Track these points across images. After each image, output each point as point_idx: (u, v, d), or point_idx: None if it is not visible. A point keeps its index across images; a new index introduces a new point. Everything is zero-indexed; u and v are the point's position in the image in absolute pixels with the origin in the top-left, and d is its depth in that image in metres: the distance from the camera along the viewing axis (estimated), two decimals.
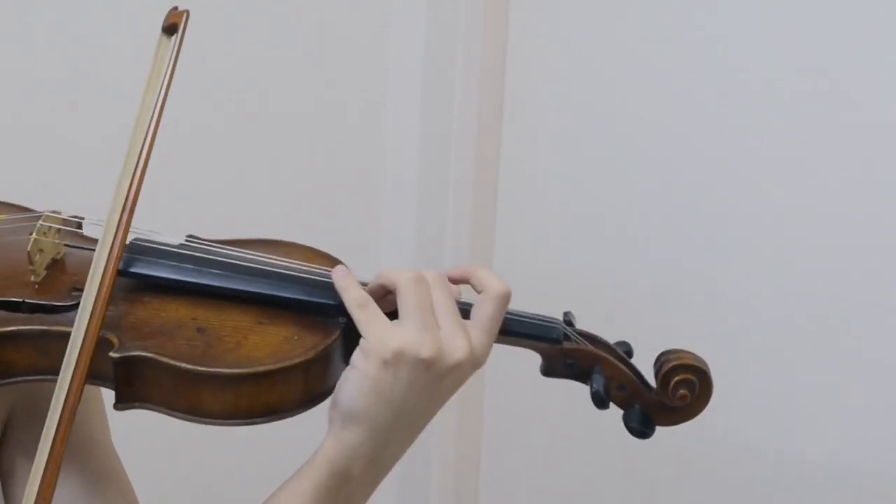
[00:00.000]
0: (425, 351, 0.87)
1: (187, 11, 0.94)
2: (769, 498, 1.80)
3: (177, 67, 0.92)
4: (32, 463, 0.81)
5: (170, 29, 0.94)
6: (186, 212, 1.70)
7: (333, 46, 1.88)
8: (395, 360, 0.87)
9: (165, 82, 0.92)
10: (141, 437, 1.17)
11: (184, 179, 1.68)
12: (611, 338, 1.01)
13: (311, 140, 1.90)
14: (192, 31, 0.93)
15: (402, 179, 1.99)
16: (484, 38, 1.94)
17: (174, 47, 0.93)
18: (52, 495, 0.80)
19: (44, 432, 0.81)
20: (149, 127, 0.90)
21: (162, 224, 0.98)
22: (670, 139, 1.81)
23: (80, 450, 0.98)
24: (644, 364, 1.01)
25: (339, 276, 0.92)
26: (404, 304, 0.89)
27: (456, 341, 0.89)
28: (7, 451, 0.99)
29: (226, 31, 1.72)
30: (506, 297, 0.93)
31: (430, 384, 0.89)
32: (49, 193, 1.45)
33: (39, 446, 0.81)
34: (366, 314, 0.89)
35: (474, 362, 0.91)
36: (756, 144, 1.72)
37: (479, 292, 0.93)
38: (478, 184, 2.00)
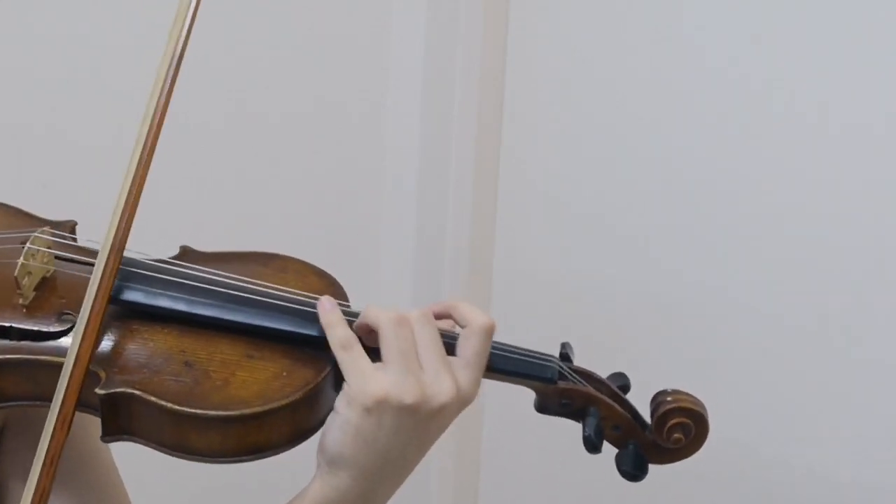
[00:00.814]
0: (409, 397, 0.86)
1: None
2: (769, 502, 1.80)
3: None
4: (24, 473, 0.80)
5: None
6: (185, 211, 1.70)
7: (333, 46, 1.88)
8: (378, 408, 0.86)
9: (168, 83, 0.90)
10: (138, 453, 1.16)
11: (182, 179, 1.68)
12: (611, 337, 1.00)
13: (311, 140, 1.90)
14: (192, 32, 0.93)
15: (402, 179, 1.99)
16: (484, 38, 1.94)
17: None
18: None
19: (33, 466, 0.80)
20: (142, 157, 0.89)
21: (160, 223, 0.97)
22: (671, 140, 1.81)
23: (77, 461, 0.98)
24: (643, 365, 1.00)
25: (324, 311, 0.90)
26: (386, 348, 0.87)
27: (441, 384, 0.87)
28: (2, 459, 0.98)
29: (225, 31, 1.72)
30: (490, 331, 0.91)
31: (416, 428, 0.87)
32: (49, 193, 1.45)
33: (29, 477, 0.80)
34: (349, 356, 0.87)
35: (462, 402, 0.89)
36: (757, 145, 1.72)
37: (461, 327, 0.92)
38: (478, 184, 2.00)
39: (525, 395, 1.02)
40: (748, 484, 1.82)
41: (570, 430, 1.04)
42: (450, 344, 0.91)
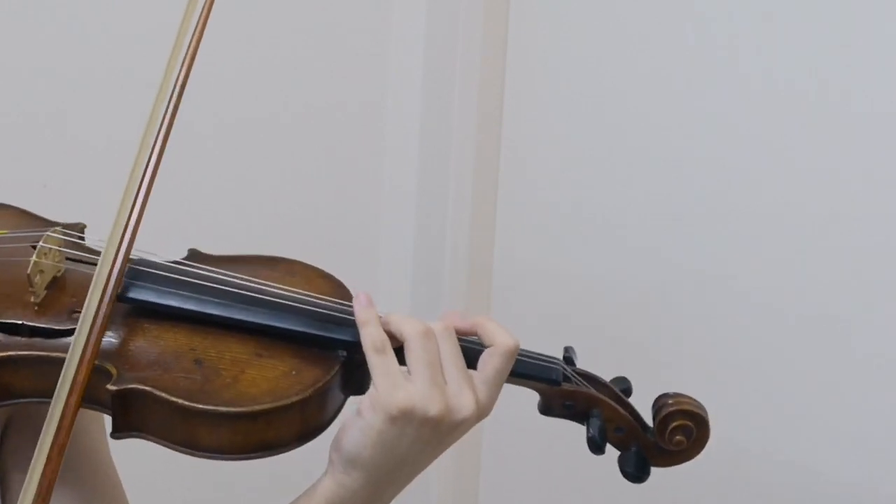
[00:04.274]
0: (433, 410, 0.88)
1: None
2: (769, 500, 1.80)
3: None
4: (26, 471, 0.80)
5: None
6: (186, 212, 1.70)
7: (333, 46, 1.88)
8: (404, 418, 0.87)
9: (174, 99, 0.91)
10: (138, 450, 1.17)
11: (182, 179, 1.68)
12: (611, 337, 1.01)
13: (311, 141, 1.90)
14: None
15: (402, 180, 1.99)
16: (484, 38, 1.94)
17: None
18: None
19: (34, 459, 0.80)
20: (151, 155, 0.90)
21: (161, 223, 0.97)
22: (671, 139, 1.81)
23: (77, 461, 0.98)
24: (644, 365, 1.01)
25: (361, 307, 0.91)
26: (413, 359, 0.89)
27: (463, 399, 0.89)
28: (4, 456, 0.99)
29: (224, 32, 1.71)
30: (514, 353, 0.93)
31: (434, 438, 0.90)
32: (49, 193, 1.45)
33: (28, 473, 0.80)
34: (381, 362, 0.89)
35: (479, 416, 0.91)
36: (758, 144, 1.72)
37: (486, 345, 0.93)
38: (478, 184, 2.00)
39: (525, 396, 1.02)
40: (747, 482, 1.82)
41: (570, 432, 1.05)
42: (473, 349, 0.93)
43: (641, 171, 1.85)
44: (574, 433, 1.02)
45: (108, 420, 0.89)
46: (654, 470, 1.00)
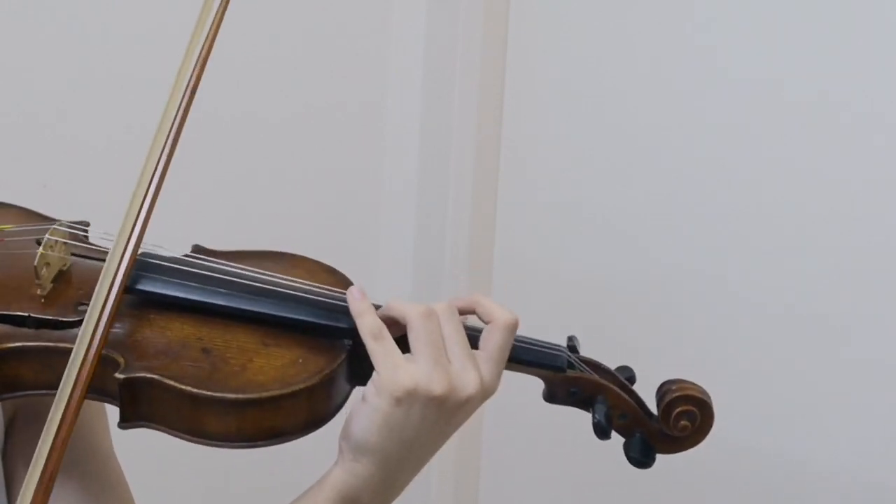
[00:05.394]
0: (437, 388, 0.88)
1: None
2: (768, 499, 1.80)
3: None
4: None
5: None
6: (187, 211, 1.70)
7: (333, 46, 1.88)
8: (408, 398, 0.87)
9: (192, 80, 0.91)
10: (142, 445, 1.16)
11: (183, 179, 1.67)
12: (611, 338, 1.01)
13: (311, 140, 1.90)
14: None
15: (402, 180, 1.99)
16: (484, 38, 1.94)
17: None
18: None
19: (38, 446, 0.80)
20: (163, 150, 0.91)
21: (162, 223, 0.97)
22: (671, 139, 1.81)
23: (81, 456, 0.98)
24: (643, 365, 1.01)
25: (355, 300, 0.92)
26: (416, 339, 0.89)
27: (467, 376, 0.89)
28: (9, 455, 0.99)
29: (225, 32, 1.71)
30: (514, 327, 0.93)
31: (441, 418, 0.89)
32: (49, 193, 1.45)
33: (33, 461, 0.80)
34: (380, 347, 0.89)
35: (485, 394, 0.91)
36: (756, 145, 1.72)
37: (485, 322, 0.93)
38: (478, 184, 2.00)
39: (525, 396, 1.02)
40: (746, 481, 1.82)
41: (570, 431, 1.05)
42: (471, 336, 0.92)
43: (641, 171, 1.85)
44: (573, 433, 1.02)
45: (114, 411, 0.89)
46: (654, 465, 1.00)
